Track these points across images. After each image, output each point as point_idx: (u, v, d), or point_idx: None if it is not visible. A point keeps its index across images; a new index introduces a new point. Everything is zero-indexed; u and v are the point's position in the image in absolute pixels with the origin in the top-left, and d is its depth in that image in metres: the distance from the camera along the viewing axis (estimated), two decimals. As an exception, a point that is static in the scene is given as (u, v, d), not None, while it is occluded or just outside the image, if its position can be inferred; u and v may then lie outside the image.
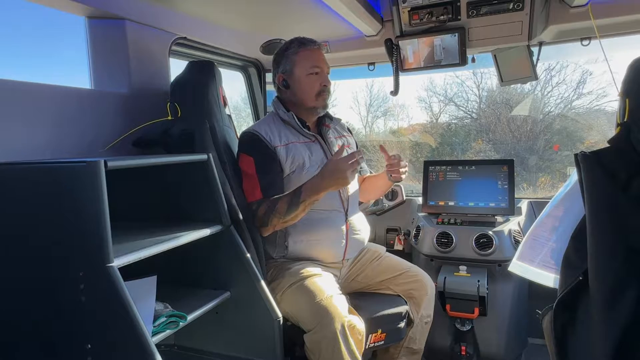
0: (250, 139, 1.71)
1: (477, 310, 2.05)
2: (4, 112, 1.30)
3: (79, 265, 1.03)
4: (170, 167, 1.43)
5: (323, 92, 1.76)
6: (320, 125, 1.86)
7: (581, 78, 4.64)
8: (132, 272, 1.10)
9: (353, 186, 1.84)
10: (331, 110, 1.92)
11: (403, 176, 1.80)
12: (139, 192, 1.50)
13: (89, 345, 1.04)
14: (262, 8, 1.93)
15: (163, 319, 1.20)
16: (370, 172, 2.09)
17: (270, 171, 1.68)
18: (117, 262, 1.02)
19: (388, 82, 2.29)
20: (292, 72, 1.77)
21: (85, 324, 1.05)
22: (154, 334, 1.16)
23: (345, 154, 1.83)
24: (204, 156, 1.41)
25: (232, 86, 2.81)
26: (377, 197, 2.12)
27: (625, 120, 1.08)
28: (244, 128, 1.83)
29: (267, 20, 2.11)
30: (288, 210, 1.57)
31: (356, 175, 1.91)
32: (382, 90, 5.80)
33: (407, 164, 1.81)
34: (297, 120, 1.75)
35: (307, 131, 1.77)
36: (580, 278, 1.06)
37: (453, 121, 5.67)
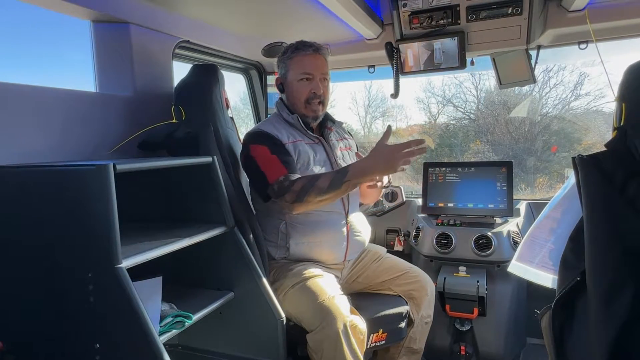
0: (258, 135, 1.71)
1: (476, 311, 2.08)
2: (12, 115, 1.32)
3: (88, 267, 1.05)
4: (175, 169, 1.45)
5: (312, 99, 1.74)
6: (322, 128, 1.87)
7: (578, 79, 4.67)
8: (136, 272, 1.11)
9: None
10: (330, 112, 1.94)
11: (379, 183, 1.72)
12: (144, 193, 1.52)
13: (98, 345, 1.06)
14: (264, 11, 1.95)
15: (169, 319, 1.22)
16: None
17: (286, 153, 1.67)
18: (126, 264, 1.04)
19: (386, 83, 2.31)
20: (286, 76, 1.79)
21: (93, 324, 1.07)
22: (160, 333, 1.18)
23: (348, 155, 1.86)
24: (208, 159, 1.43)
25: (231, 87, 2.82)
26: (373, 201, 2.11)
27: (621, 124, 1.11)
28: (243, 129, 1.84)
29: (268, 23, 2.13)
30: (329, 187, 1.53)
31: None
32: (381, 91, 5.82)
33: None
34: (301, 122, 1.77)
35: (311, 133, 1.79)
36: (578, 279, 1.09)
37: (451, 122, 5.70)
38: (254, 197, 1.80)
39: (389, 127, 1.51)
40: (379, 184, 1.69)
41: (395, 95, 2.27)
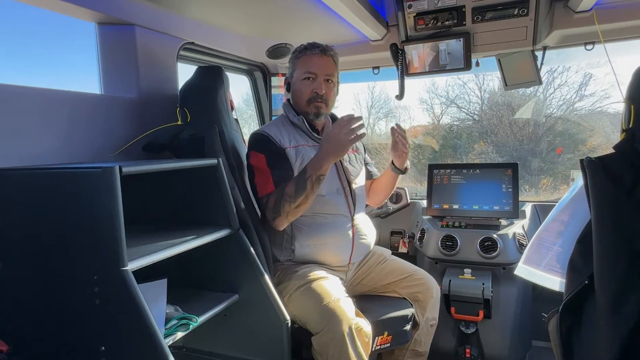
0: (260, 139, 1.73)
1: (481, 313, 2.07)
2: (17, 117, 1.32)
3: (94, 269, 1.04)
4: (180, 171, 1.45)
5: (315, 99, 1.74)
6: None
7: (583, 80, 4.65)
8: (141, 274, 1.11)
9: (359, 191, 1.86)
10: (334, 112, 1.94)
11: (405, 150, 1.84)
12: (148, 195, 1.52)
13: (103, 347, 1.06)
14: (268, 13, 1.95)
15: (174, 322, 1.22)
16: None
17: (282, 166, 1.68)
18: (131, 266, 1.04)
19: (390, 84, 2.31)
20: (292, 75, 1.81)
21: (99, 326, 1.06)
22: (166, 336, 1.18)
23: (355, 158, 1.86)
24: (214, 161, 1.42)
25: (235, 88, 2.82)
26: (385, 197, 2.12)
27: (630, 126, 1.10)
28: (246, 130, 1.84)
29: (273, 24, 2.13)
30: (296, 191, 1.55)
31: (362, 180, 1.93)
32: (384, 92, 5.82)
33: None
34: (306, 124, 1.77)
35: (316, 135, 1.79)
36: (586, 282, 1.08)
37: (455, 123, 5.69)
38: (258, 199, 1.80)
39: (342, 118, 1.54)
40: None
41: (400, 96, 2.26)
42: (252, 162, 1.71)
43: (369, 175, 2.04)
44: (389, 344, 1.68)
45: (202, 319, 1.31)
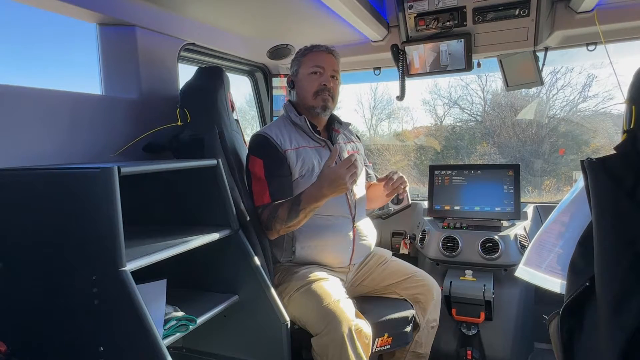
0: (260, 142, 1.73)
1: (483, 315, 2.06)
2: (19, 117, 1.32)
3: (92, 269, 1.04)
4: (180, 172, 1.45)
5: (322, 91, 1.76)
6: (329, 130, 1.87)
7: (586, 81, 4.62)
8: (141, 275, 1.11)
9: (360, 191, 1.85)
10: (336, 113, 1.93)
11: (407, 188, 1.80)
12: (148, 196, 1.52)
13: (102, 348, 1.06)
14: (269, 14, 1.95)
15: (173, 322, 1.22)
16: (376, 177, 2.10)
17: (280, 175, 1.69)
18: (130, 267, 1.04)
19: (392, 85, 2.30)
20: (297, 72, 1.82)
21: (97, 327, 1.06)
22: (165, 337, 1.18)
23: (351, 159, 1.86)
24: (213, 161, 1.42)
25: (237, 88, 2.83)
26: (380, 206, 2.12)
27: (631, 127, 1.09)
28: (248, 131, 1.85)
29: (273, 25, 2.13)
30: (288, 217, 1.57)
31: (363, 180, 1.92)
32: (387, 93, 5.80)
33: (403, 178, 1.77)
34: (308, 124, 1.77)
35: (318, 136, 1.79)
36: (587, 284, 1.07)
37: (457, 124, 5.67)
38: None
39: (335, 148, 1.56)
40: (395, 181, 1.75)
41: (400, 97, 2.25)
42: (250, 167, 1.71)
43: (367, 177, 2.03)
44: (389, 346, 1.67)
45: (201, 319, 1.31)
